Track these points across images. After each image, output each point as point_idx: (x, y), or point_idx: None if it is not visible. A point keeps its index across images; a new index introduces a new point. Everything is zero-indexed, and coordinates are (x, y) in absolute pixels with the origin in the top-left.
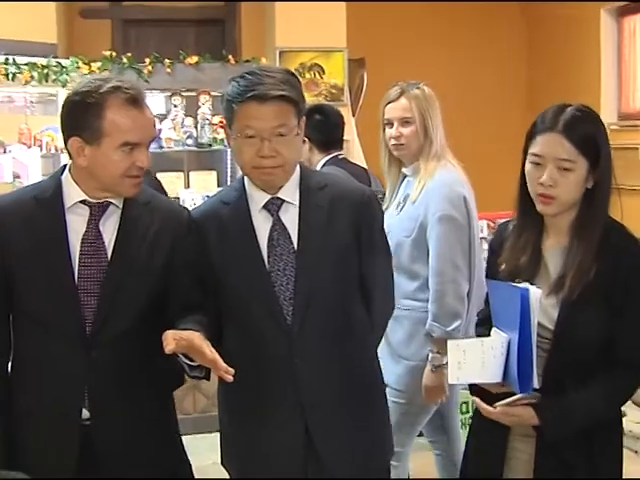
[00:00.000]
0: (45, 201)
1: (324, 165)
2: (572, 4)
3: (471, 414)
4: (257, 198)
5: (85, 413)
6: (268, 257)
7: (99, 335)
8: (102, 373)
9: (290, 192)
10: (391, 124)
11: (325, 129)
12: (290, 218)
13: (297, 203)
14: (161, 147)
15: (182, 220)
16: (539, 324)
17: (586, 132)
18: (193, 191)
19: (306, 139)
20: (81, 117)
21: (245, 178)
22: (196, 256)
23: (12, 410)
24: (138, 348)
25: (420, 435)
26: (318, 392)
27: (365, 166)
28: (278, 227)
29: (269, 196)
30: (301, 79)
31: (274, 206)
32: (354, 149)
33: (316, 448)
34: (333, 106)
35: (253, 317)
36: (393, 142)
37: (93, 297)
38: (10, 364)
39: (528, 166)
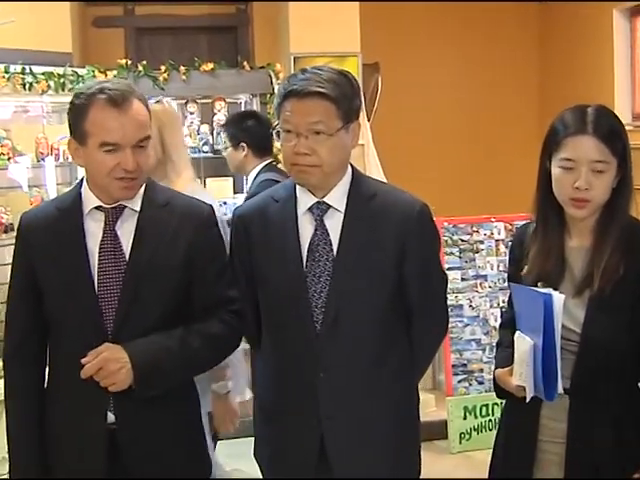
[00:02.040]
0: (65, 210)
1: (261, 171)
2: (585, 4)
3: (492, 416)
4: (304, 199)
5: (110, 417)
6: (307, 260)
7: (120, 338)
8: None
9: (337, 198)
10: None
11: (261, 134)
12: (334, 224)
13: (343, 210)
14: None
15: (202, 215)
16: (565, 327)
17: (613, 129)
18: (210, 198)
19: (244, 144)
20: (72, 119)
21: None
22: (218, 249)
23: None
24: None
25: (437, 439)
26: (337, 407)
27: (381, 171)
28: (320, 232)
29: (315, 199)
30: None
31: (319, 210)
32: (370, 154)
33: (329, 461)
34: (262, 113)
35: (285, 318)
36: None
37: (113, 301)
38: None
39: (557, 171)
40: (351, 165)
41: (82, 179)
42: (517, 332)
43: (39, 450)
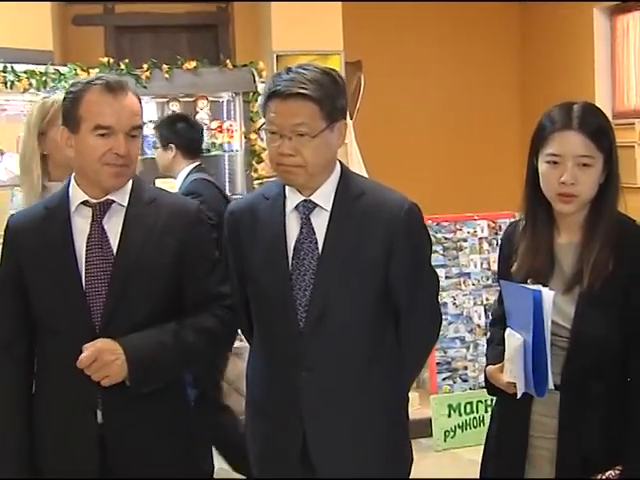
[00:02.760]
0: (53, 209)
1: (191, 172)
2: (564, 4)
3: (477, 414)
4: (292, 198)
5: (100, 416)
6: (292, 258)
7: (108, 335)
8: None
9: (324, 196)
10: None
11: (190, 136)
12: (320, 223)
13: (329, 209)
14: None
15: (190, 213)
16: (555, 323)
17: (599, 125)
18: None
19: (172, 145)
20: (66, 107)
21: None
22: (208, 245)
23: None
24: None
25: (421, 437)
26: (322, 407)
27: (364, 170)
28: (305, 230)
29: (302, 198)
30: None
31: (305, 209)
32: (353, 153)
33: (311, 460)
34: (192, 116)
35: (271, 315)
36: None
37: (101, 297)
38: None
39: (544, 167)
40: (340, 163)
41: (70, 178)
42: (507, 329)
43: (27, 450)
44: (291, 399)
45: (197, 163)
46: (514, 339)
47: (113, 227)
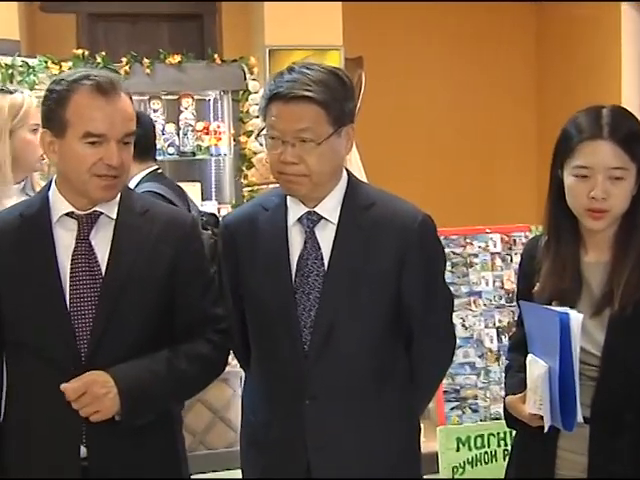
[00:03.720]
0: (31, 217)
1: (142, 180)
2: (584, 4)
3: (488, 448)
4: (294, 209)
5: (83, 451)
6: (296, 275)
7: (95, 361)
8: None
9: (330, 208)
10: None
11: (139, 136)
12: (326, 236)
13: (336, 221)
14: None
15: (185, 227)
16: (583, 350)
17: (630, 131)
18: None
19: None
20: (49, 107)
21: None
22: (202, 262)
23: (4, 452)
24: None
25: (427, 473)
26: (327, 438)
27: (364, 176)
28: (310, 244)
29: (305, 209)
30: None
31: (309, 221)
32: (352, 157)
33: None
34: (143, 112)
35: (271, 337)
36: None
37: (87, 319)
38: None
39: (571, 180)
40: (347, 171)
41: (50, 181)
42: (529, 355)
43: None
44: (294, 428)
45: (153, 168)
46: (537, 366)
47: (101, 242)
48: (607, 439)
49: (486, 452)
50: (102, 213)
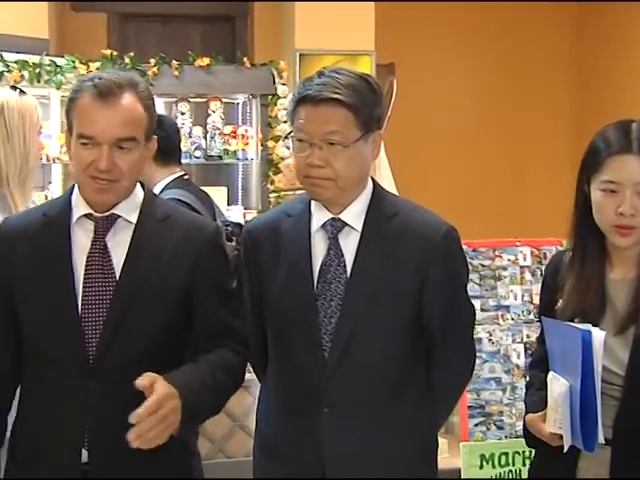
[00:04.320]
0: (53, 217)
1: (167, 186)
2: (628, 4)
3: (513, 467)
4: (318, 215)
5: (85, 455)
6: (318, 282)
7: (101, 367)
8: (103, 410)
9: (355, 215)
10: None
11: (161, 139)
12: (349, 244)
13: (360, 229)
14: None
15: (206, 236)
16: (606, 369)
17: None
18: None
19: None
20: (66, 109)
21: None
22: (224, 273)
23: (15, 452)
24: None
25: None
26: (342, 447)
27: (393, 186)
28: (333, 252)
29: (330, 215)
30: None
31: (333, 228)
32: (381, 165)
33: None
34: (167, 115)
35: (291, 344)
36: None
37: (98, 324)
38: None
39: (598, 195)
40: (372, 180)
41: (74, 184)
42: (550, 373)
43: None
44: (310, 437)
45: (178, 174)
46: (558, 384)
47: (118, 246)
48: (629, 461)
49: (510, 470)
50: (120, 217)
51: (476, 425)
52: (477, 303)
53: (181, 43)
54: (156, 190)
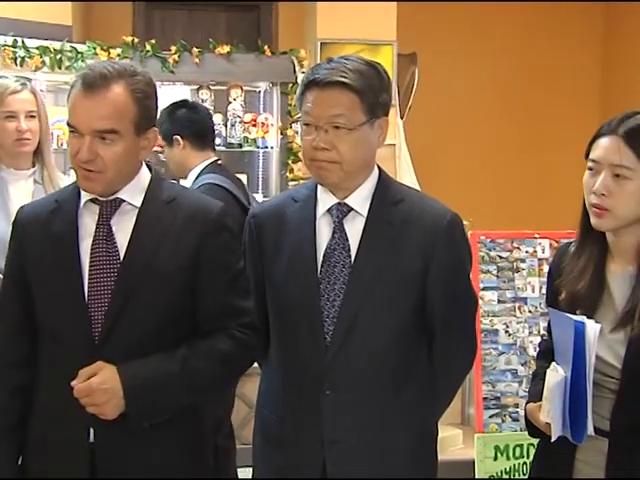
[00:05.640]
0: (63, 202)
1: (203, 171)
2: None
3: (527, 459)
4: (324, 200)
5: (92, 435)
6: (322, 265)
7: (107, 346)
8: None
9: (360, 200)
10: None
11: (197, 120)
12: (354, 229)
13: (365, 214)
14: None
15: (211, 217)
16: (602, 360)
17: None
18: None
19: (178, 137)
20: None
21: None
22: (230, 254)
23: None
24: None
25: None
26: (344, 431)
27: (414, 175)
28: (338, 236)
29: (335, 200)
30: None
31: (338, 212)
32: (402, 156)
33: None
34: (199, 103)
35: (293, 327)
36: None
37: (103, 304)
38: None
39: (585, 175)
40: (379, 167)
41: None
42: (552, 363)
43: (15, 454)
44: (311, 421)
45: (213, 159)
46: (555, 375)
47: (122, 229)
48: (625, 453)
49: (524, 463)
50: (124, 201)
51: (491, 417)
52: (494, 295)
53: (206, 31)
54: (192, 175)
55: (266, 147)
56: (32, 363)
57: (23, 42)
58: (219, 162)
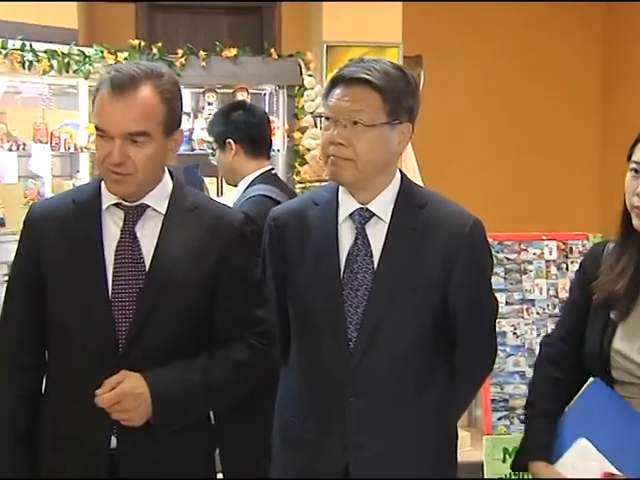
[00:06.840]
0: (82, 204)
1: (254, 181)
2: None
3: None
4: (345, 204)
5: (113, 441)
6: (344, 271)
7: (131, 353)
8: None
9: (383, 205)
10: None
11: (252, 125)
12: (377, 234)
13: (388, 220)
14: (193, 149)
15: (234, 225)
16: (636, 364)
17: None
18: (227, 199)
19: (231, 141)
20: (92, 101)
21: None
22: (249, 264)
23: (40, 438)
24: None
25: None
26: (367, 436)
27: (419, 177)
28: (360, 241)
29: (358, 205)
30: None
31: (360, 217)
32: (407, 159)
33: None
34: (257, 106)
35: (316, 333)
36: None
37: (128, 311)
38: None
39: (627, 176)
40: (401, 172)
41: None
42: (584, 441)
43: (27, 460)
44: (334, 426)
45: (267, 167)
46: (591, 463)
47: (147, 235)
48: None
49: None
50: (149, 207)
51: (499, 419)
52: (502, 297)
53: (209, 34)
54: (242, 185)
55: (273, 150)
56: (42, 366)
57: (31, 46)
58: (272, 171)
